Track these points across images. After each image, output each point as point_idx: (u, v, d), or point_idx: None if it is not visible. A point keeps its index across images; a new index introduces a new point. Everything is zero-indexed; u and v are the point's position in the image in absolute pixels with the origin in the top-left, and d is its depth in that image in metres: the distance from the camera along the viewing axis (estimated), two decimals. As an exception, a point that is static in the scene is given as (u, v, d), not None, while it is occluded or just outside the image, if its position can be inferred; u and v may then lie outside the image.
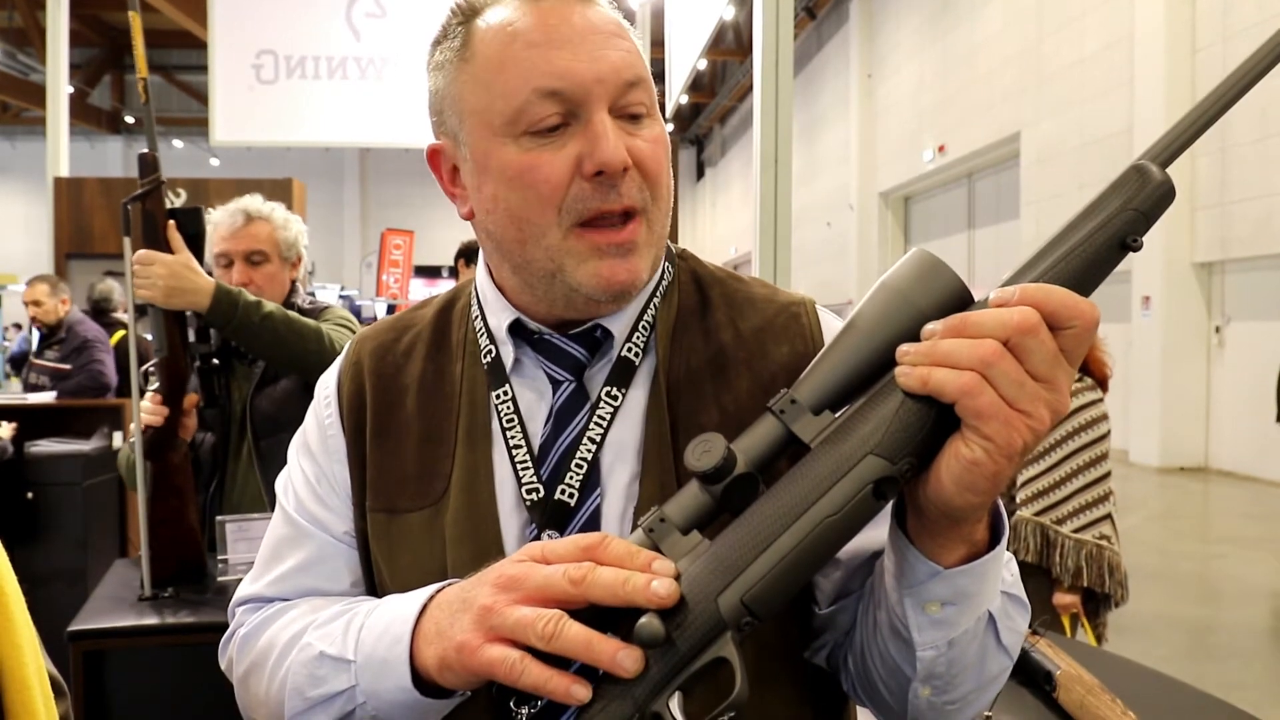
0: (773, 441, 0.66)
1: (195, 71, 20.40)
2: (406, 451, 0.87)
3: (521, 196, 0.79)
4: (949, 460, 0.63)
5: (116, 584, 2.16)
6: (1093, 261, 0.64)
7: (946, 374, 0.61)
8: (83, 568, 4.13)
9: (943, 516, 0.66)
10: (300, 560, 0.91)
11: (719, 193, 29.00)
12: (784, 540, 0.63)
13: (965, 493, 0.63)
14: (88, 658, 1.88)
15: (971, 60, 14.38)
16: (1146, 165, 0.66)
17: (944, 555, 0.69)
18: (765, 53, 3.22)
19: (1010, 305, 0.62)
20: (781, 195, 3.19)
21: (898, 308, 0.66)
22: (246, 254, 2.34)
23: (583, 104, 0.78)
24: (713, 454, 0.64)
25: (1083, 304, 0.62)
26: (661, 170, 0.82)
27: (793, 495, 0.64)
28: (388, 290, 11.82)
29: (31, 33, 16.87)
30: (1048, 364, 0.61)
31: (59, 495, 4.19)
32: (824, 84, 20.43)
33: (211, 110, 5.75)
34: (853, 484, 0.63)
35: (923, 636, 0.71)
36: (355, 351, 0.95)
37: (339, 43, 5.73)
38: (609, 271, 0.79)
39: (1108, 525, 2.73)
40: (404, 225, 13.00)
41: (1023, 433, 0.61)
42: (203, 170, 20.84)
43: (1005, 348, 0.60)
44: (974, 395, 0.60)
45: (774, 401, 0.67)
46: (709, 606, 0.63)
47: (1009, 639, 0.75)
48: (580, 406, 0.84)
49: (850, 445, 0.64)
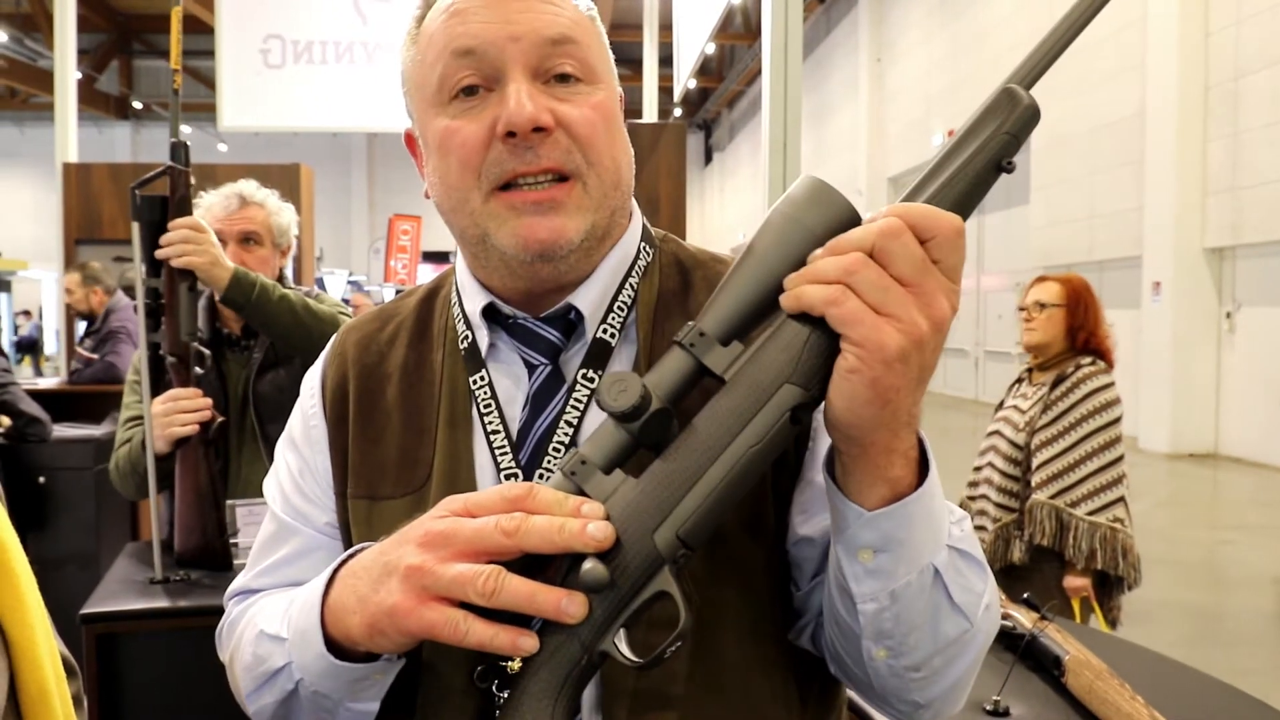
0: (684, 375, 0.68)
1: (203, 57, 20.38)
2: (389, 439, 0.87)
3: (446, 164, 0.81)
4: (834, 377, 0.64)
5: (127, 568, 2.17)
6: (972, 185, 0.67)
7: (814, 288, 0.63)
8: (94, 552, 4.17)
9: (848, 443, 0.67)
10: (286, 554, 0.92)
11: (727, 177, 28.92)
12: (713, 472, 0.65)
13: (852, 405, 0.63)
14: (100, 640, 1.90)
15: (981, 44, 14.28)
16: (1015, 89, 0.70)
17: (865, 495, 0.68)
18: (774, 36, 3.20)
19: (876, 219, 0.64)
20: (790, 180, 3.18)
21: (792, 233, 0.67)
22: (241, 235, 2.34)
23: (497, 65, 0.78)
24: (629, 393, 0.65)
25: (945, 214, 0.64)
26: (595, 133, 0.80)
27: (715, 428, 0.66)
28: (395, 276, 11.84)
29: (39, 18, 16.87)
30: (913, 267, 0.62)
31: (70, 480, 4.22)
32: (833, 68, 20.32)
33: (219, 95, 5.74)
34: (772, 413, 0.65)
35: (860, 587, 0.70)
36: (340, 343, 0.96)
37: (346, 27, 5.71)
38: (527, 230, 0.78)
39: (1121, 508, 2.73)
40: (412, 211, 13.00)
41: (893, 336, 0.61)
42: (210, 156, 20.86)
43: (870, 257, 0.62)
44: (838, 304, 0.62)
45: (682, 335, 0.68)
46: (645, 543, 0.65)
47: (963, 598, 0.73)
48: (556, 390, 0.84)
49: (766, 376, 0.65)
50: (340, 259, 23.94)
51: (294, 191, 5.69)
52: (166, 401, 2.03)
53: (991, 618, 0.77)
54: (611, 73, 0.86)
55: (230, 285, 2.07)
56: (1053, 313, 2.87)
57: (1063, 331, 2.87)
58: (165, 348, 2.03)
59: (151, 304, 2.03)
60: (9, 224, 23.72)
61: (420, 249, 12.62)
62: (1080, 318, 2.86)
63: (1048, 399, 2.82)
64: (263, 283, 2.12)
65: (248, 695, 0.83)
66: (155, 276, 2.03)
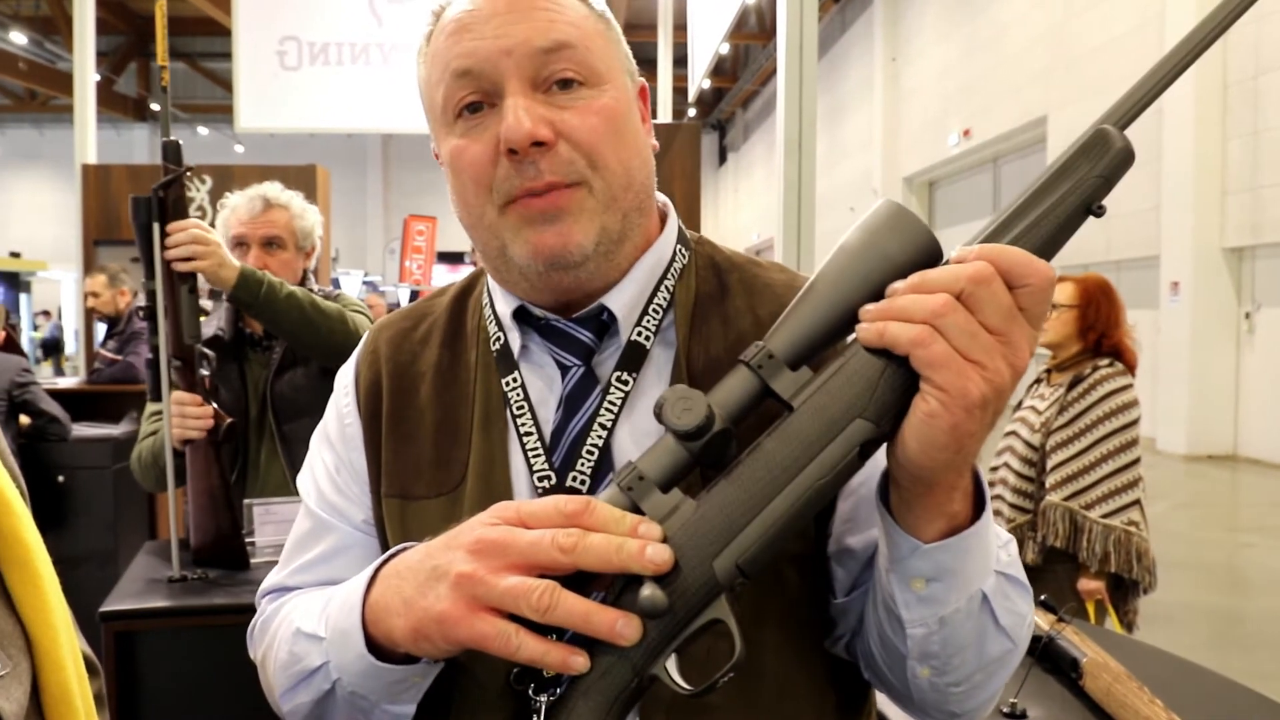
0: (749, 397, 0.66)
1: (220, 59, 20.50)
2: (422, 439, 0.87)
3: (461, 182, 0.82)
4: (910, 417, 0.63)
5: (146, 566, 2.19)
6: (1060, 227, 0.65)
7: (900, 327, 0.62)
8: (113, 550, 4.20)
9: (914, 481, 0.66)
10: (322, 551, 0.92)
11: (741, 178, 28.86)
12: (777, 503, 0.64)
13: (928, 449, 0.63)
14: (119, 638, 1.91)
15: (998, 43, 14.20)
16: (1109, 129, 0.67)
17: (923, 529, 0.68)
18: (789, 36, 3.19)
19: (967, 260, 0.63)
20: (805, 180, 3.17)
21: (871, 259, 0.66)
22: (264, 239, 2.35)
23: (494, 81, 0.78)
24: (694, 412, 0.64)
25: (1038, 262, 0.62)
26: (600, 140, 0.79)
27: (783, 457, 0.65)
28: (411, 276, 11.87)
29: (58, 20, 17.01)
30: (1001, 316, 0.61)
31: (89, 479, 4.26)
32: (848, 68, 20.25)
33: (236, 97, 5.77)
34: (842, 447, 0.64)
35: (911, 614, 0.71)
36: (373, 340, 0.95)
37: (362, 29, 5.74)
38: (536, 239, 0.79)
39: (1136, 511, 2.71)
40: (427, 211, 13.04)
41: (978, 383, 0.61)
42: (228, 157, 20.98)
43: (958, 300, 0.61)
44: (925, 345, 0.61)
45: (750, 356, 0.67)
46: (704, 570, 0.64)
47: (1008, 620, 0.74)
48: (589, 392, 0.84)
49: (838, 407, 0.64)
50: (356, 260, 24.05)
51: (310, 193, 5.70)
52: (174, 405, 2.04)
53: (1029, 632, 0.78)
54: (623, 70, 0.85)
55: (238, 284, 2.08)
56: (1064, 313, 2.85)
57: (1075, 332, 2.85)
58: (168, 350, 2.01)
59: (151, 306, 2.02)
60: (29, 225, 23.94)
61: (435, 249, 12.64)
62: (1093, 318, 2.84)
63: (1064, 400, 2.80)
64: (270, 280, 2.13)
65: (282, 694, 0.82)
66: (152, 279, 2.01)
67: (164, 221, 2.00)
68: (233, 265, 2.08)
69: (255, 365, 2.37)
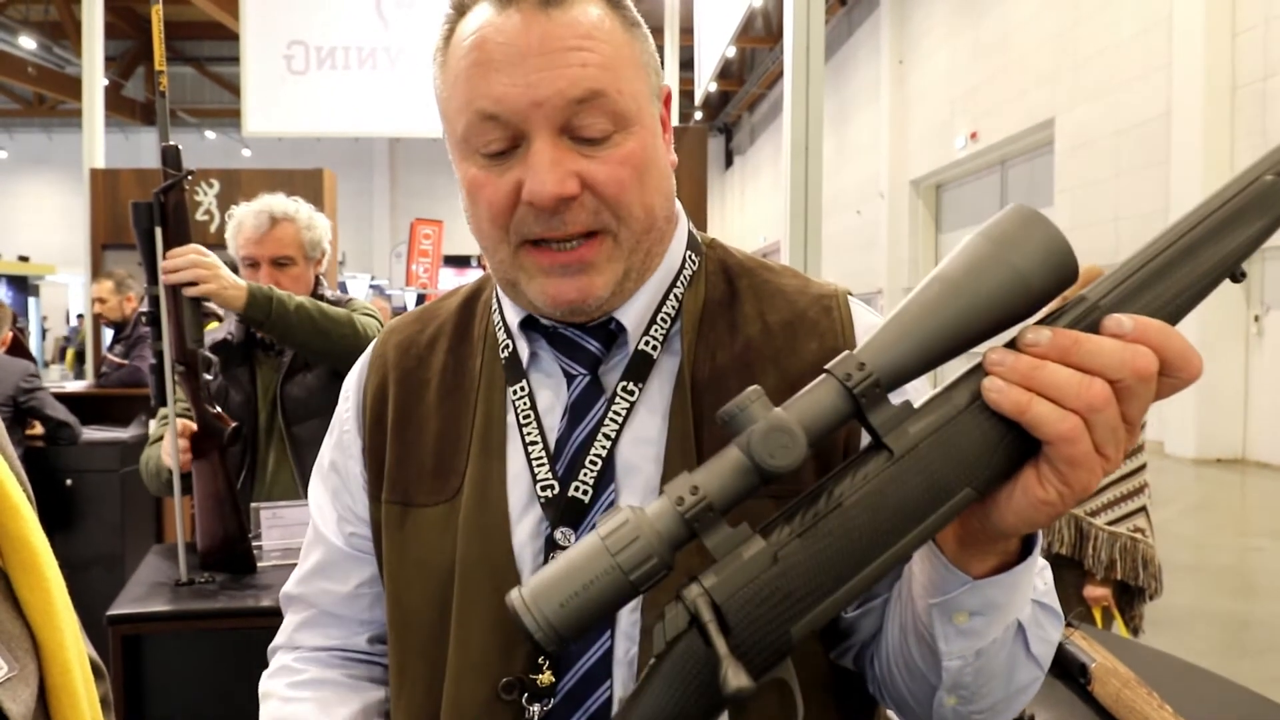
0: (840, 423, 0.58)
1: (227, 63, 20.58)
2: (425, 445, 0.87)
3: (476, 211, 0.80)
4: (1018, 492, 0.58)
5: (154, 570, 2.19)
6: (1205, 291, 0.58)
7: (1049, 411, 0.55)
8: (120, 553, 4.21)
9: (986, 536, 0.63)
10: (317, 561, 0.95)
11: (748, 181, 28.86)
12: (869, 572, 0.58)
13: (1023, 525, 0.59)
14: (126, 642, 1.91)
15: (1005, 45, 14.17)
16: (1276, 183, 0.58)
17: (975, 567, 0.65)
18: (795, 39, 3.19)
19: (1127, 339, 0.56)
20: (812, 183, 3.17)
21: (1003, 277, 0.56)
22: (273, 259, 2.34)
23: (521, 129, 0.76)
24: (793, 452, 0.56)
25: (1195, 358, 0.56)
26: (625, 190, 0.77)
27: (882, 521, 0.57)
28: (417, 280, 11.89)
29: (67, 25, 17.11)
30: (1140, 411, 0.56)
31: (97, 482, 4.27)
32: (854, 71, 20.24)
33: (243, 101, 5.81)
34: (946, 516, 0.58)
35: (949, 647, 0.69)
36: (382, 344, 0.95)
37: (369, 32, 5.76)
38: (555, 290, 0.78)
39: (1142, 518, 2.70)
40: (433, 215, 13.06)
41: (1096, 479, 0.57)
42: (235, 161, 21.05)
43: (1112, 387, 0.55)
44: (1073, 443, 0.55)
45: (850, 379, 0.57)
46: (779, 633, 0.58)
47: (1039, 649, 0.72)
48: (595, 401, 0.83)
49: (949, 472, 0.57)
50: (362, 263, 24.11)
51: (317, 196, 5.73)
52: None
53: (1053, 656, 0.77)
54: (650, 94, 0.82)
55: (248, 305, 2.07)
56: None
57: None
58: (172, 355, 2.00)
59: (154, 312, 2.01)
60: (37, 229, 24.06)
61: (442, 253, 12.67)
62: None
63: (1072, 404, 2.79)
64: (277, 296, 2.13)
65: None
66: (155, 284, 2.00)
67: (165, 226, 2.00)
68: (238, 285, 2.07)
69: (266, 368, 2.37)
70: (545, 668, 0.78)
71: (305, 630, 0.96)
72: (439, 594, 0.83)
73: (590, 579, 0.56)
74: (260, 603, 1.87)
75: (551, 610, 0.56)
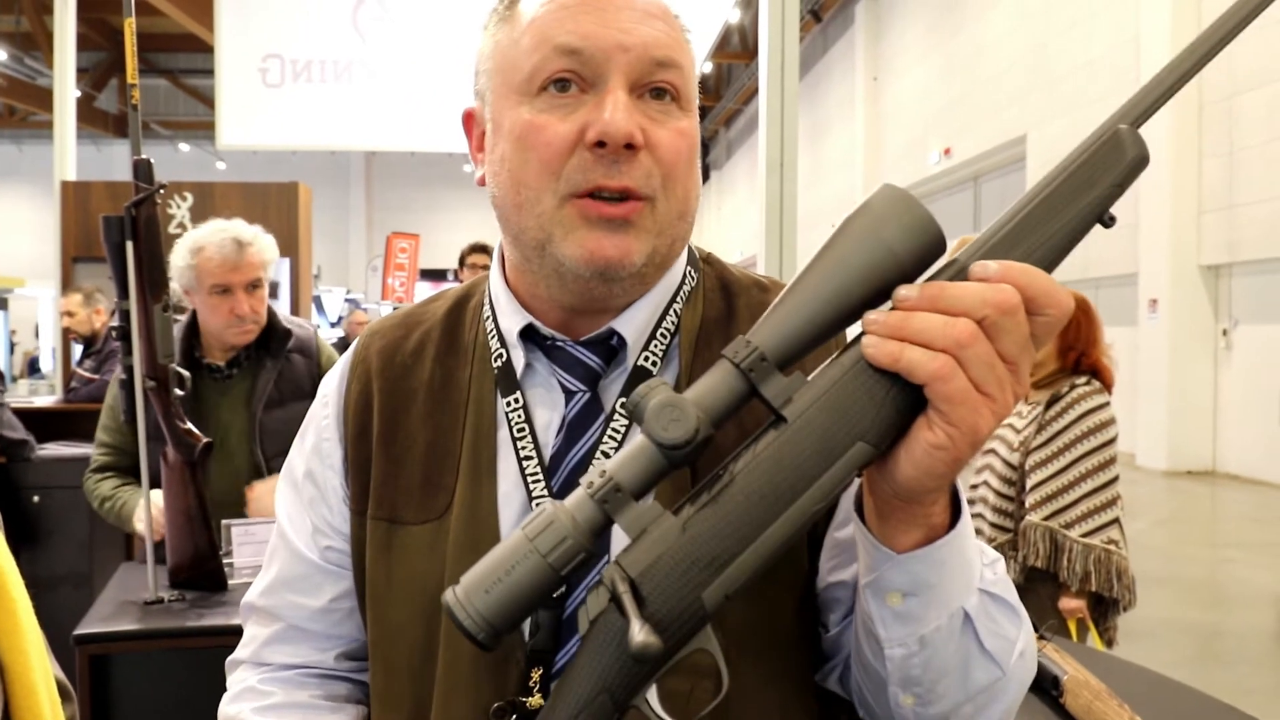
0: (735, 400, 0.61)
1: (202, 75, 20.47)
2: (412, 461, 0.84)
3: (523, 158, 0.77)
4: (911, 443, 0.60)
5: (122, 588, 2.16)
6: (1070, 239, 0.61)
7: (919, 354, 0.58)
8: (88, 571, 4.14)
9: (895, 498, 0.63)
10: (286, 573, 0.91)
11: (725, 195, 29.00)
12: (773, 531, 0.60)
13: (924, 476, 0.60)
14: (94, 661, 1.88)
15: (977, 63, 14.36)
16: (1124, 131, 0.62)
17: (898, 539, 0.65)
18: (771, 56, 3.22)
19: (991, 280, 0.59)
20: (787, 198, 3.19)
21: (875, 254, 0.60)
22: (248, 284, 2.33)
23: (600, 70, 0.75)
24: (684, 424, 0.59)
25: (1060, 292, 0.59)
26: (679, 160, 0.78)
27: (779, 482, 0.60)
28: (393, 294, 11.85)
29: (39, 36, 16.94)
30: (1018, 346, 0.59)
31: (65, 498, 4.20)
32: (830, 87, 20.42)
33: (218, 114, 5.77)
34: (842, 472, 0.60)
35: (888, 632, 0.68)
36: (364, 349, 0.91)
37: (346, 46, 5.74)
38: (595, 244, 0.75)
39: (1116, 530, 2.72)
40: (409, 229, 13.04)
41: (986, 418, 0.59)
42: (209, 174, 20.90)
43: (980, 326, 0.58)
44: (946, 380, 0.57)
45: (739, 357, 0.61)
46: (692, 599, 0.60)
47: (994, 644, 0.70)
48: (594, 418, 0.81)
49: (839, 429, 0.60)
50: (338, 277, 23.95)
51: (292, 209, 5.69)
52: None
53: (1026, 665, 0.73)
54: (696, 108, 0.83)
55: None
56: None
57: (1054, 351, 2.86)
58: (143, 370, 1.98)
59: (125, 326, 1.99)
60: (6, 242, 23.72)
61: (418, 267, 12.64)
62: (1072, 338, 2.85)
63: (1042, 419, 2.81)
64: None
65: None
66: (125, 298, 1.98)
67: (136, 240, 1.98)
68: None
69: (210, 392, 2.37)
70: (536, 690, 0.76)
71: (273, 645, 0.92)
72: (426, 613, 0.80)
73: (512, 564, 0.59)
74: (231, 621, 1.85)
75: (479, 599, 0.59)
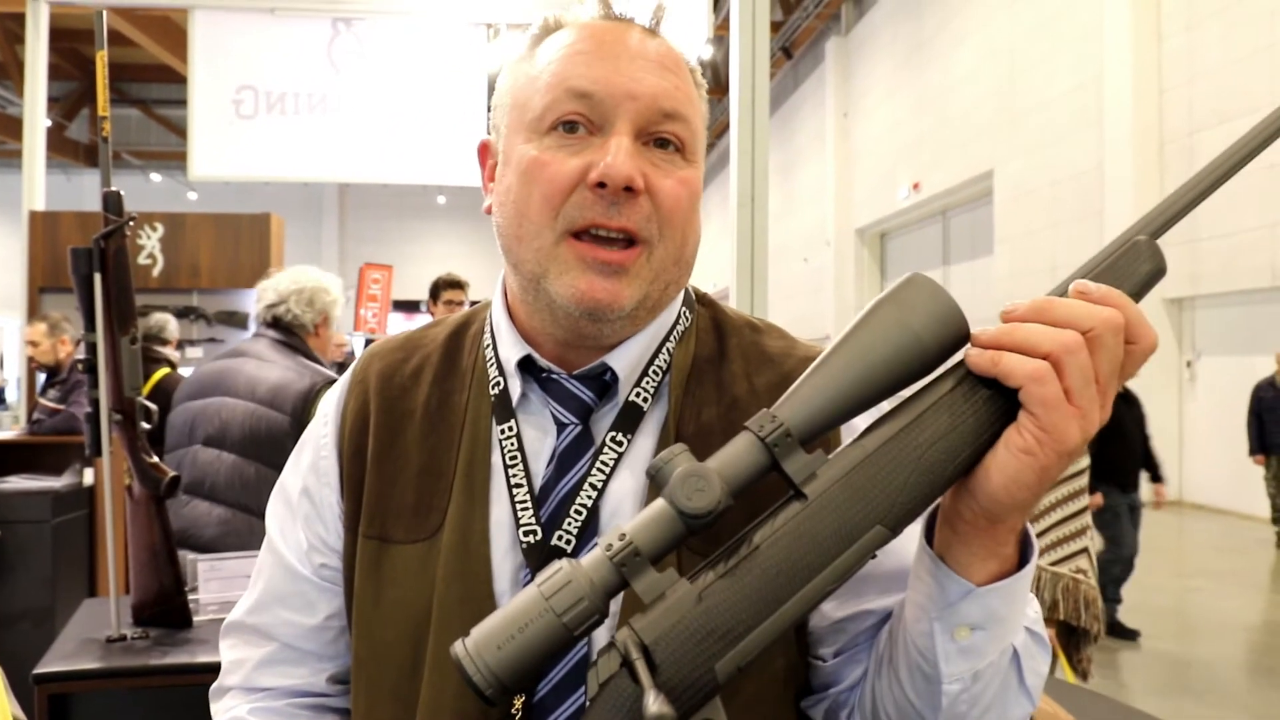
0: (756, 473, 0.62)
1: (175, 106, 20.40)
2: (405, 480, 0.85)
3: (527, 191, 0.79)
4: (1000, 451, 0.61)
5: (85, 624, 2.11)
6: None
7: (1017, 359, 0.60)
8: (50, 607, 4.05)
9: (982, 518, 0.64)
10: (277, 590, 0.91)
11: (697, 228, 29.17)
12: (787, 608, 0.61)
13: (1013, 486, 0.61)
14: (53, 701, 1.84)
15: (945, 100, 14.63)
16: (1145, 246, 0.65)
17: (975, 571, 0.67)
18: (742, 92, 3.26)
19: (1093, 299, 0.61)
20: (758, 232, 3.22)
21: (902, 341, 0.62)
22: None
23: (608, 115, 0.78)
24: (708, 495, 0.60)
25: (1151, 330, 0.61)
26: (678, 208, 0.80)
27: (796, 560, 0.61)
28: (365, 324, 11.78)
29: (9, 66, 16.82)
30: (1111, 369, 0.60)
31: (27, 533, 4.11)
32: (801, 123, 20.70)
33: (190, 145, 5.73)
34: (858, 555, 0.61)
35: (950, 667, 0.69)
36: (363, 369, 0.93)
37: (319, 78, 5.75)
38: (586, 285, 0.77)
39: (1084, 559, 2.75)
40: (382, 260, 12.99)
41: (1074, 430, 0.60)
42: (180, 204, 20.75)
43: (1085, 339, 0.59)
44: (1042, 382, 0.59)
45: (765, 431, 0.62)
46: (704, 670, 0.60)
47: (1032, 681, 0.72)
48: (584, 451, 0.82)
49: (859, 511, 0.61)
50: (310, 307, 23.76)
51: (264, 240, 5.67)
52: None
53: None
54: (703, 159, 0.86)
55: None
56: None
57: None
58: (109, 403, 1.96)
59: (91, 359, 1.97)
60: (-29, 271, 23.39)
61: (391, 298, 12.58)
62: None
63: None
64: None
65: None
66: (92, 330, 1.96)
67: (105, 273, 1.96)
68: None
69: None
70: (518, 718, 0.77)
71: (264, 668, 0.90)
72: (413, 633, 0.81)
73: (526, 622, 0.59)
74: (196, 659, 1.82)
75: (490, 655, 0.58)
